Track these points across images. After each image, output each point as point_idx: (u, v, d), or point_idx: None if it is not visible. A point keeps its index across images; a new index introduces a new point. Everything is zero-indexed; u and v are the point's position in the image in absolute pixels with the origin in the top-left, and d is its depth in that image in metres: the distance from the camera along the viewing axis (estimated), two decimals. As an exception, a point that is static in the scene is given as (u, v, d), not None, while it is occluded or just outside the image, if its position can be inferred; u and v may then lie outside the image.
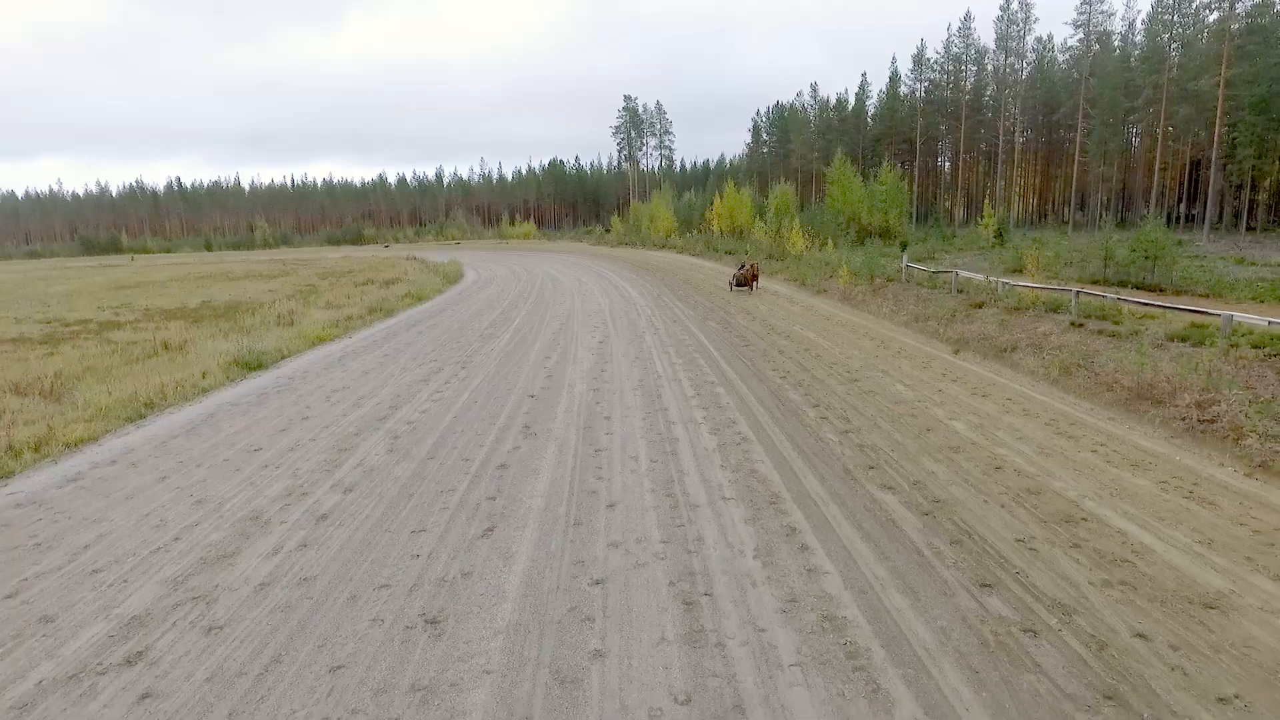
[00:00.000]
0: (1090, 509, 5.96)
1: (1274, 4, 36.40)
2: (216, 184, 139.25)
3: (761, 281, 24.26)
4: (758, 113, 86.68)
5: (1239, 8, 35.45)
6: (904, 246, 28.62)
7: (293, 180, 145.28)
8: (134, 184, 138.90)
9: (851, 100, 71.28)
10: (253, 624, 4.68)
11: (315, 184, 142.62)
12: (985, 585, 4.82)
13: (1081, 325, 11.60)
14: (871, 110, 69.38)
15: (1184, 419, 7.69)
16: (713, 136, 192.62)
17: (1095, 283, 16.74)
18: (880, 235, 35.75)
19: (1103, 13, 48.15)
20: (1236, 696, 3.68)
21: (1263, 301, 13.49)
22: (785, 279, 26.17)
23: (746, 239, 41.59)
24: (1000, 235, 31.49)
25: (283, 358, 14.60)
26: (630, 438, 8.28)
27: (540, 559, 5.41)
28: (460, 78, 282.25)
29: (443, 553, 5.58)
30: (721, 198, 51.83)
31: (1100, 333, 11.14)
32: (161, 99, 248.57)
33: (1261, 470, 6.55)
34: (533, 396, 10.43)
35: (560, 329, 16.77)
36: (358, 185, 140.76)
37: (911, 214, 50.23)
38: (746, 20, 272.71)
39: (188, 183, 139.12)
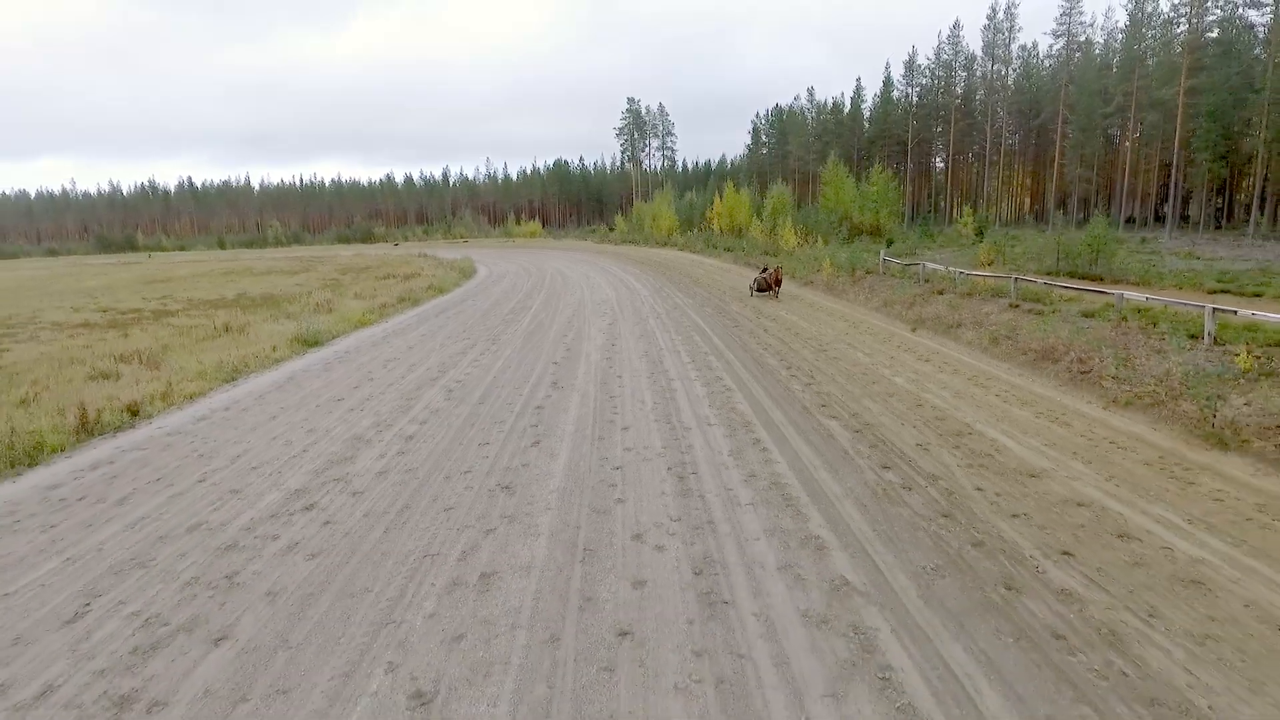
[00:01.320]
0: (978, 428, 8.10)
1: (1240, 17, 38.49)
2: (226, 183, 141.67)
3: (754, 276, 26.03)
4: (757, 115, 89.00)
5: (1208, 18, 37.61)
6: (889, 243, 30.74)
7: (301, 180, 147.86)
8: (146, 184, 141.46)
9: (847, 104, 73.56)
10: (382, 491, 6.84)
11: (323, 184, 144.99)
12: (885, 467, 6.97)
13: (1017, 306, 13.71)
14: (867, 113, 71.57)
15: (1069, 372, 9.83)
16: (714, 136, 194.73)
17: (1050, 273, 18.81)
18: (871, 233, 37.86)
19: (1081, 23, 50.49)
20: (1025, 514, 5.82)
21: (1181, 288, 15.56)
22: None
23: (744, 237, 43.73)
24: (981, 233, 33.62)
25: (334, 337, 16.78)
26: (638, 389, 10.43)
27: (576, 457, 7.56)
28: (462, 78, 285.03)
29: (505, 455, 7.73)
30: (721, 198, 54.00)
31: (1030, 311, 13.25)
32: (164, 99, 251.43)
33: (1113, 404, 8.69)
34: (556, 363, 12.58)
35: (574, 314, 18.92)
36: (365, 185, 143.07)
37: (904, 214, 52.32)
38: (747, 20, 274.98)
39: (192, 182, 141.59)
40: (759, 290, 21.54)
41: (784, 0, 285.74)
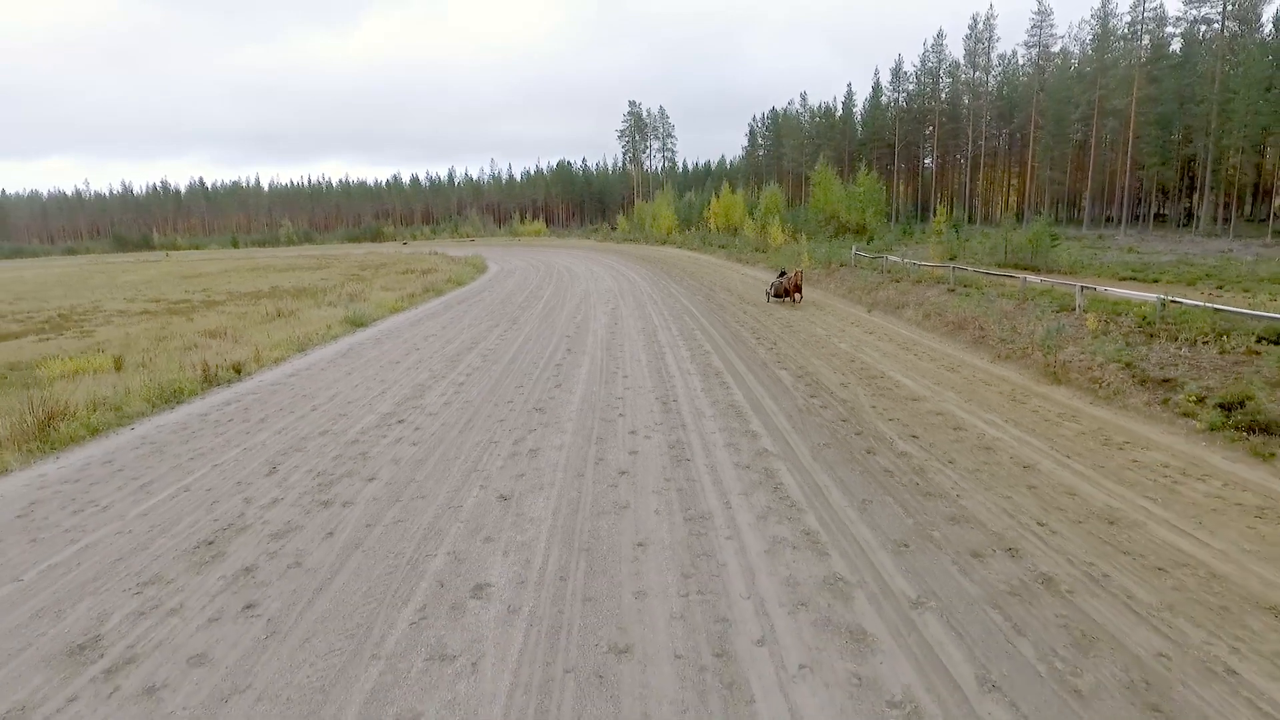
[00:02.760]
0: (890, 374, 10.75)
1: (1199, 32, 41.25)
2: (236, 184, 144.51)
3: (744, 270, 28.60)
4: (753, 118, 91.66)
5: (1166, 31, 40.47)
6: (869, 240, 33.39)
7: (309, 180, 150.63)
8: (158, 184, 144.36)
9: (839, 109, 76.27)
10: (450, 413, 9.51)
11: (330, 184, 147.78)
12: (812, 396, 9.64)
13: (953, 290, 16.34)
14: (859, 116, 74.31)
15: (973, 337, 12.49)
16: (716, 136, 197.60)
17: (998, 265, 21.45)
18: (856, 231, 40.45)
19: (1052, 35, 53.30)
20: (898, 419, 8.47)
21: (1100, 276, 18.19)
22: (765, 267, 30.94)
23: (739, 235, 46.38)
24: (955, 231, 36.21)
25: (375, 320, 19.45)
26: (635, 353, 13.10)
27: (589, 393, 10.23)
28: (467, 79, 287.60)
29: (535, 392, 10.41)
30: (719, 198, 56.65)
31: (961, 294, 15.89)
32: (170, 99, 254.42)
33: (996, 358, 11.35)
34: (569, 336, 15.25)
35: (581, 301, 21.60)
36: (371, 185, 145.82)
37: (891, 213, 54.95)
38: (752, 21, 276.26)
39: (189, 182, 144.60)
40: (776, 296, 18.99)
41: (789, 1, 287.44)
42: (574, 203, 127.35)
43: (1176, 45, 41.86)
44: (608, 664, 4.03)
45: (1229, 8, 36.27)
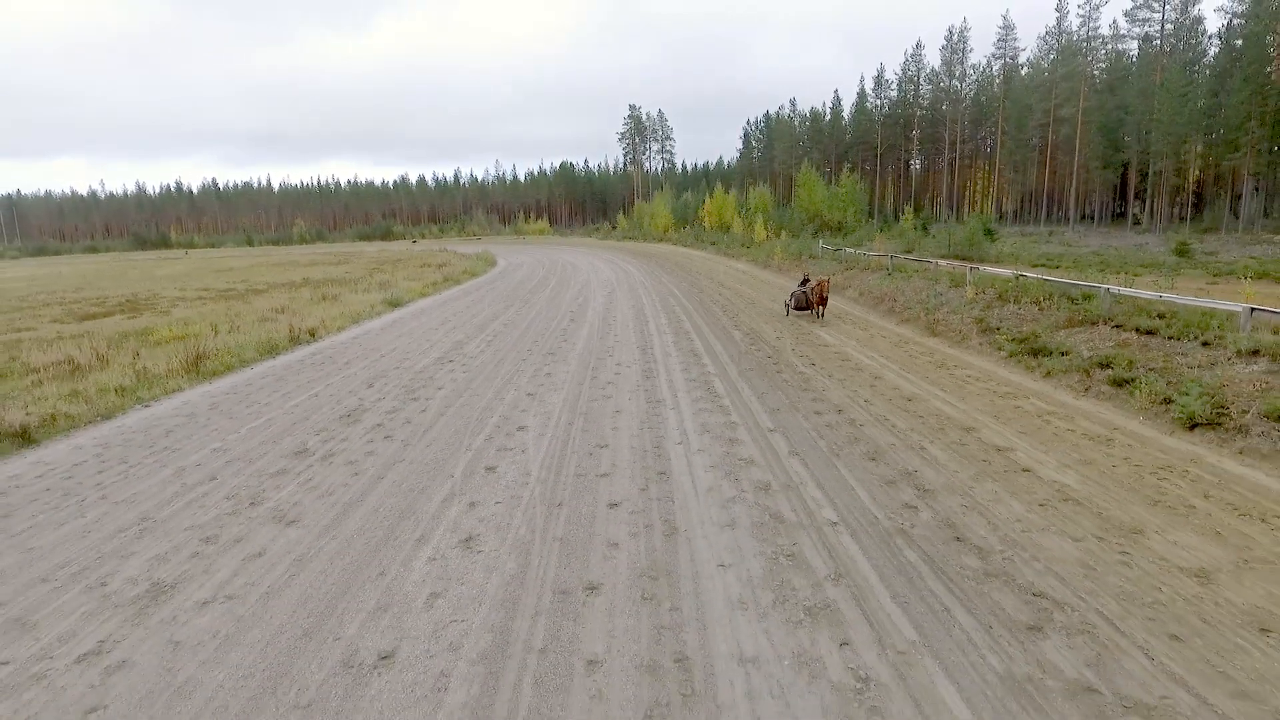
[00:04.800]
0: (815, 332, 14.19)
1: (1153, 46, 44.69)
2: (248, 184, 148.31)
3: (730, 263, 31.83)
4: (748, 121, 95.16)
5: (1121, 47, 43.97)
6: (845, 237, 36.86)
7: (318, 180, 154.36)
8: (172, 184, 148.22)
9: (828, 114, 79.77)
10: (486, 356, 12.97)
11: (339, 184, 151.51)
12: (753, 344, 13.08)
13: (890, 274, 19.78)
14: (847, 120, 77.84)
15: (887, 307, 15.93)
16: (720, 135, 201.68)
17: (942, 256, 24.85)
18: (836, 229, 43.90)
19: (1018, 47, 56.93)
20: (808, 357, 11.92)
21: (1017, 262, 21.60)
22: (748, 260, 34.40)
23: (729, 233, 49.85)
24: (925, 228, 39.68)
25: (408, 302, 22.93)
26: (625, 323, 16.55)
27: (588, 345, 13.68)
28: (472, 81, 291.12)
29: (547, 344, 13.86)
30: (712, 198, 60.11)
31: (896, 277, 19.33)
32: (177, 100, 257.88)
33: (900, 321, 14.78)
34: (572, 311, 18.71)
35: (583, 287, 25.06)
36: (379, 185, 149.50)
37: (875, 212, 58.36)
38: (761, 21, 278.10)
39: (201, 183, 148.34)
40: (797, 309, 16.37)
41: (796, 3, 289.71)
42: (576, 202, 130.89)
43: (1134, 57, 45.38)
44: (594, 450, 7.49)
45: (1168, 27, 39.72)
